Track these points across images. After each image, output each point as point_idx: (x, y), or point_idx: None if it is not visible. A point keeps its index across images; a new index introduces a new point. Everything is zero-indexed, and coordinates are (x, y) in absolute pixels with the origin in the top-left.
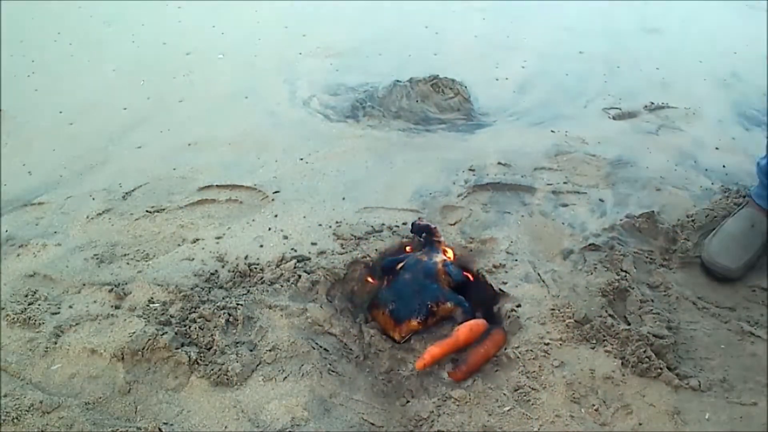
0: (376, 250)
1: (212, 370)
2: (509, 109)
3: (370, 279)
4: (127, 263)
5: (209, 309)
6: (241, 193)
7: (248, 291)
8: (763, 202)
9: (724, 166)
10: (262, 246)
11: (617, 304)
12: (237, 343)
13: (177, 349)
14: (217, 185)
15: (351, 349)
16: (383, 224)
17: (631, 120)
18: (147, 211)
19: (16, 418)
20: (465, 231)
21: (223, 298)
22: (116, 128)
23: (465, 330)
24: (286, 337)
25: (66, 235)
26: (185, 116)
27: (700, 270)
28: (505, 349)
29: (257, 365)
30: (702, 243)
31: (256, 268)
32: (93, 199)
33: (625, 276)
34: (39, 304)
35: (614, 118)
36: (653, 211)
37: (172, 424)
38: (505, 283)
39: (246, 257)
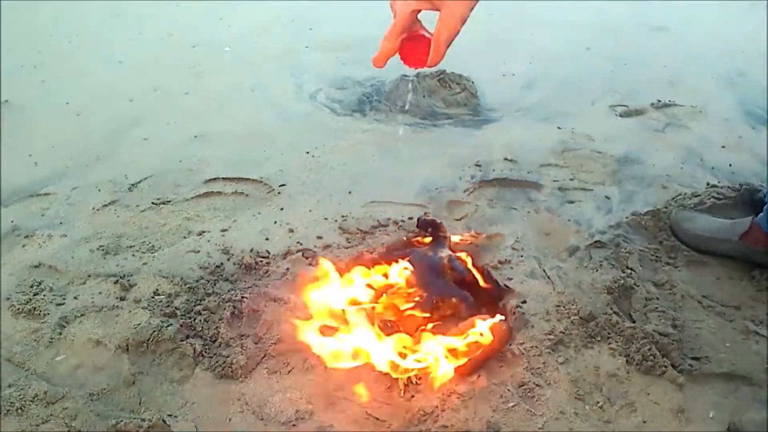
0: (382, 244)
1: (217, 362)
2: (516, 105)
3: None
4: (133, 255)
5: (214, 301)
6: (247, 185)
7: (254, 284)
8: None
9: (730, 165)
10: (267, 239)
11: (622, 302)
12: (242, 335)
13: (182, 341)
14: (223, 178)
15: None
16: (389, 219)
17: (638, 117)
18: (153, 203)
19: (21, 408)
20: (471, 226)
21: (228, 291)
22: (122, 120)
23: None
24: (291, 330)
25: (72, 226)
26: (191, 109)
27: (705, 268)
28: (510, 345)
29: (262, 358)
30: (679, 212)
31: (261, 261)
32: (99, 190)
33: (631, 273)
34: (44, 295)
35: (621, 116)
36: (659, 209)
37: (176, 416)
38: (510, 279)
39: (251, 250)
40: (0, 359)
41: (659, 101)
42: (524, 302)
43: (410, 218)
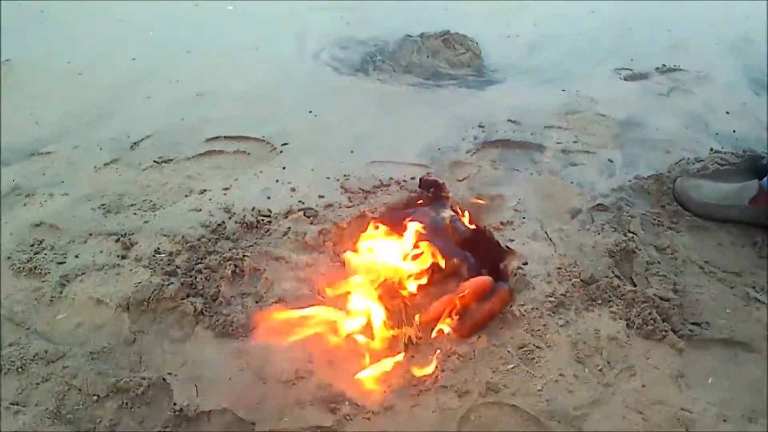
0: (384, 203)
1: (217, 321)
2: (520, 67)
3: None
4: (134, 213)
5: (215, 260)
6: (249, 144)
7: (255, 242)
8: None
9: (734, 131)
10: (269, 198)
11: (624, 265)
12: (243, 294)
13: (183, 299)
14: (225, 136)
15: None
16: (391, 178)
17: (642, 81)
18: (155, 162)
19: (21, 367)
20: (473, 187)
21: (229, 249)
22: (124, 79)
23: (470, 286)
24: (292, 289)
25: (73, 184)
26: (194, 67)
27: (707, 233)
28: (511, 306)
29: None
30: (684, 180)
31: (263, 220)
32: (100, 149)
33: (633, 237)
34: (45, 254)
35: (625, 79)
36: (662, 173)
37: (176, 375)
38: (512, 241)
39: (253, 209)
40: (0, 318)
41: (664, 65)
42: (525, 264)
43: (412, 178)
